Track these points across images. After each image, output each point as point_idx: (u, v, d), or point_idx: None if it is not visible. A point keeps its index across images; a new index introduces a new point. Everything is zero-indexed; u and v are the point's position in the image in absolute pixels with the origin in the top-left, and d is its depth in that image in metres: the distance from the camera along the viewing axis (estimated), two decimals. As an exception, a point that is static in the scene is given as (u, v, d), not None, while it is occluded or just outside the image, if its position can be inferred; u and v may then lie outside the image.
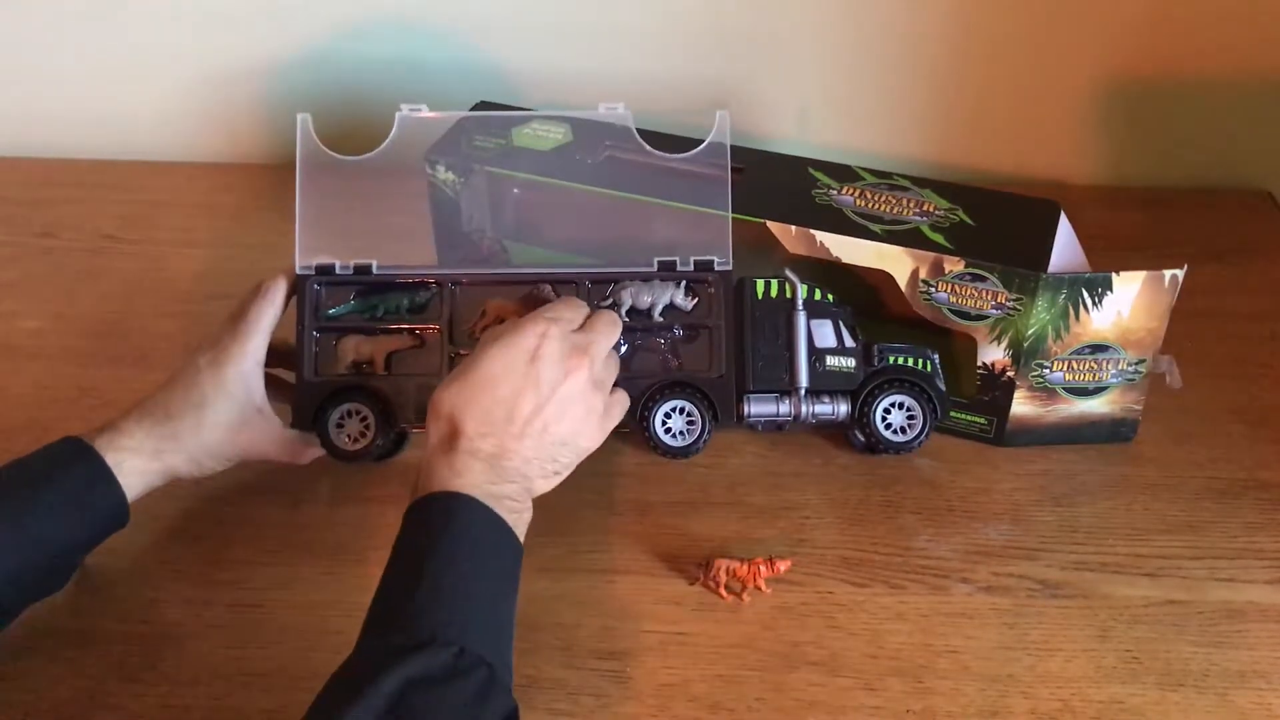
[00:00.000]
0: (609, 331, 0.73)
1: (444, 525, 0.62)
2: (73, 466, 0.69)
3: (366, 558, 0.76)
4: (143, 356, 0.92)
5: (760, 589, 0.73)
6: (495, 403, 0.66)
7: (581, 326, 0.72)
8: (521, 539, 0.65)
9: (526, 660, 0.69)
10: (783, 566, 0.73)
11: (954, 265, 0.77)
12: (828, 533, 0.77)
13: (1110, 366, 0.79)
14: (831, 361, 0.79)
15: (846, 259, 0.80)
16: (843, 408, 0.79)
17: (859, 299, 0.82)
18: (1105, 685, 0.67)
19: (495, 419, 0.65)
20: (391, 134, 0.79)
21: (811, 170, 0.86)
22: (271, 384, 0.76)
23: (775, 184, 0.85)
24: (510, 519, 0.64)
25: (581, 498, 0.80)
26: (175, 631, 0.71)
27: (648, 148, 0.80)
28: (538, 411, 0.66)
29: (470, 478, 0.64)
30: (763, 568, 0.72)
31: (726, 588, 0.73)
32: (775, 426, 0.80)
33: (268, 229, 1.04)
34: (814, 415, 0.79)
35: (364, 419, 0.78)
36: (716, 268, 0.79)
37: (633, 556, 0.76)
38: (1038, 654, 0.69)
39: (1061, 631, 0.70)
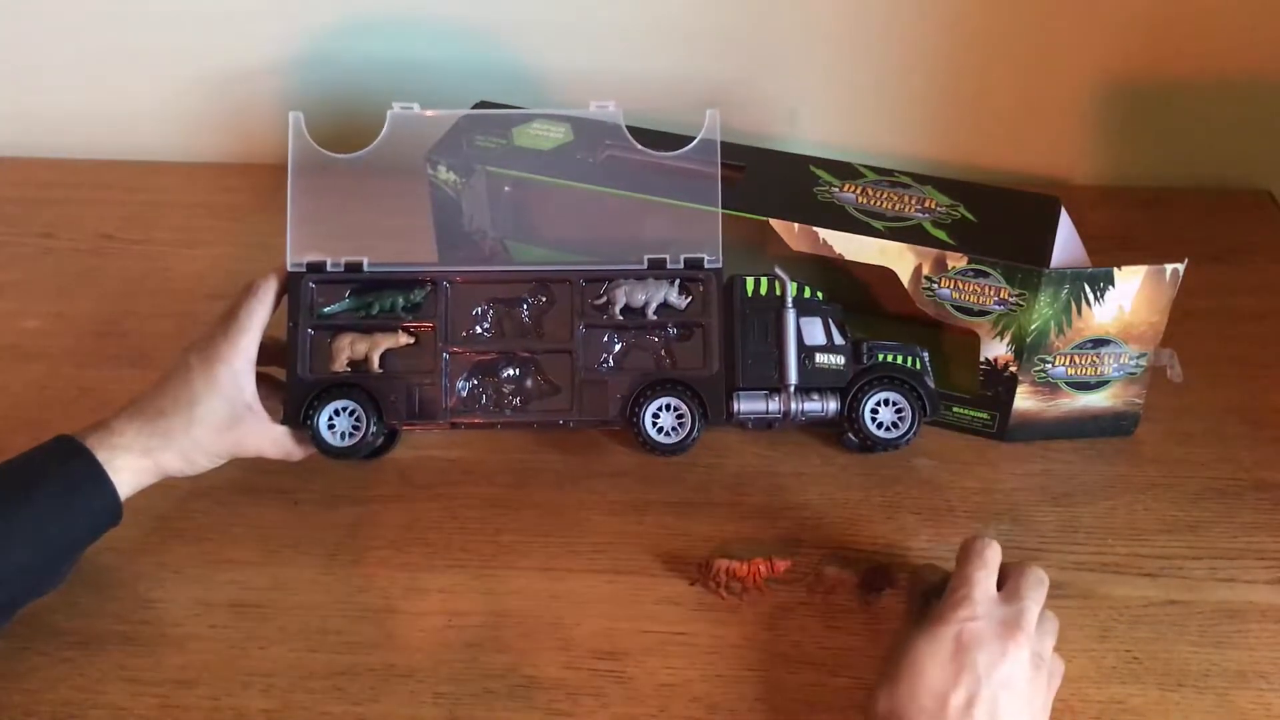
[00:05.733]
0: (1038, 593, 0.65)
1: None
2: (65, 464, 0.69)
3: (365, 557, 0.76)
4: (143, 356, 0.92)
5: (760, 589, 0.73)
6: (927, 694, 0.59)
7: (1003, 587, 0.65)
8: None
9: (526, 660, 0.69)
10: (783, 566, 0.73)
11: (957, 261, 0.77)
12: (828, 533, 0.77)
13: (1112, 361, 0.79)
14: (821, 359, 0.79)
15: (850, 256, 0.80)
16: (832, 405, 0.79)
17: (852, 297, 0.83)
18: (1105, 685, 0.67)
19: (928, 711, 0.59)
20: (383, 132, 0.79)
21: (813, 168, 0.86)
22: (263, 382, 0.76)
23: (777, 182, 0.85)
24: None
25: (581, 498, 0.80)
26: (175, 631, 0.71)
27: (637, 145, 0.81)
28: (971, 703, 0.59)
29: None
30: (763, 568, 0.72)
31: (726, 588, 0.73)
32: (765, 424, 0.80)
33: (268, 229, 1.03)
34: (803, 413, 0.79)
35: (355, 416, 0.78)
36: (706, 265, 0.79)
37: (633, 556, 0.76)
38: (1038, 654, 0.69)
39: (1062, 631, 0.70)
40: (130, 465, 0.71)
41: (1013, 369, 0.79)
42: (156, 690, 0.68)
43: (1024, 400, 0.81)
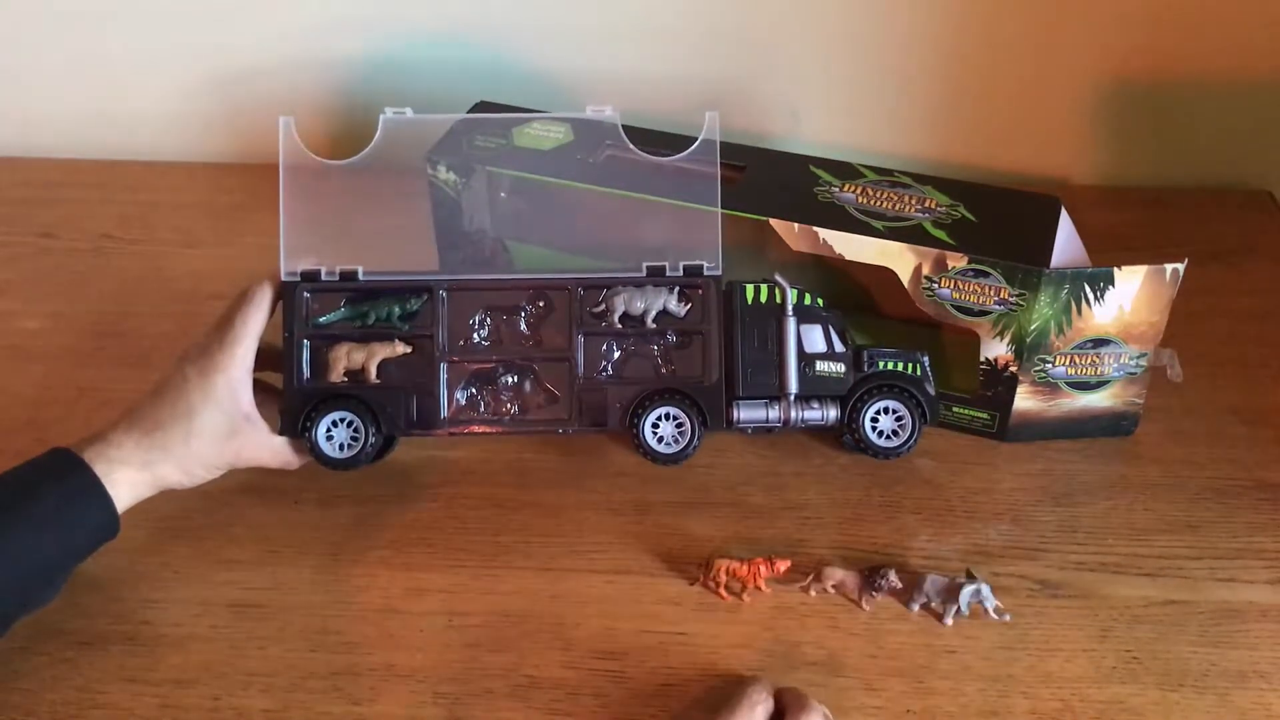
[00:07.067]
0: None
1: None
2: (62, 478, 0.68)
3: (365, 558, 0.76)
4: (143, 356, 0.92)
5: (760, 589, 0.73)
6: None
7: None
8: None
9: (526, 660, 0.69)
10: (783, 566, 0.73)
11: (957, 261, 0.77)
12: (828, 533, 0.77)
13: (1112, 360, 0.79)
14: (821, 367, 0.79)
15: (850, 256, 0.80)
16: (832, 413, 0.79)
17: (851, 299, 0.82)
18: (1105, 685, 0.67)
19: None
20: (376, 137, 0.79)
21: (813, 168, 0.86)
22: (260, 390, 0.76)
23: (777, 182, 0.85)
24: None
25: (581, 498, 0.80)
26: (175, 631, 0.71)
27: (633, 147, 0.80)
28: None
29: None
30: (763, 568, 0.72)
31: (726, 588, 0.73)
32: (765, 432, 0.80)
33: (268, 229, 1.03)
34: (803, 421, 0.78)
35: (354, 427, 0.77)
36: (706, 272, 0.78)
37: (633, 556, 0.76)
38: (1038, 654, 0.69)
39: (1061, 631, 0.70)
40: (128, 479, 0.70)
41: (1013, 369, 0.79)
42: (156, 690, 0.68)
43: (1024, 400, 0.81)
